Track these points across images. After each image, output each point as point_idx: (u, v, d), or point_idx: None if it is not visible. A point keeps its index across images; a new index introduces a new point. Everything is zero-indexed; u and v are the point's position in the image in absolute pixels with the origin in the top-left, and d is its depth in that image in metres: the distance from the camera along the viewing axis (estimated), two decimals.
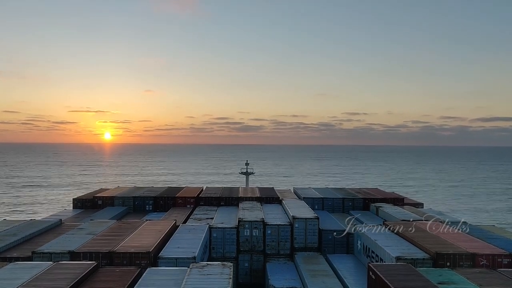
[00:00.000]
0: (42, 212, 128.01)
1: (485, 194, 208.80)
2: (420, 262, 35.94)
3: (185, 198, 67.65)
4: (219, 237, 48.73)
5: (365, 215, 62.17)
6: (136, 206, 66.82)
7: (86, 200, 67.50)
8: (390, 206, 64.01)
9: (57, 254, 36.07)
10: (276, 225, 50.19)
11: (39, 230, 45.34)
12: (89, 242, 39.59)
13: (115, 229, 45.12)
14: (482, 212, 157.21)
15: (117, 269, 32.42)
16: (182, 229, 46.81)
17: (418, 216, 55.83)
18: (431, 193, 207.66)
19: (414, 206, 66.56)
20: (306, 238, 49.80)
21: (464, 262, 36.14)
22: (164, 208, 65.78)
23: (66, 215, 60.13)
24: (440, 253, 36.51)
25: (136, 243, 38.84)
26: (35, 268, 30.85)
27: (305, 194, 70.99)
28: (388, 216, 57.61)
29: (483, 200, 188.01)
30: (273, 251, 49.44)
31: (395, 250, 38.28)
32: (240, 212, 54.99)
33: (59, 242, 39.43)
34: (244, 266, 48.88)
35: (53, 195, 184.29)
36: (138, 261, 35.60)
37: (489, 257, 36.28)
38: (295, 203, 61.22)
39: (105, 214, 59.55)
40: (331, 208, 67.01)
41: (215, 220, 53.69)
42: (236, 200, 65.94)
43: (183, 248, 39.56)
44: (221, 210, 61.82)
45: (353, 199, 68.53)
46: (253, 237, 49.32)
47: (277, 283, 39.71)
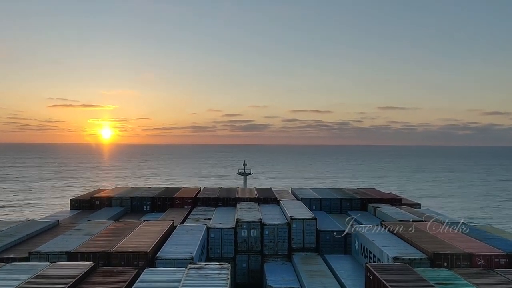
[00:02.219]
0: (39, 213, 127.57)
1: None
2: (417, 262, 35.98)
3: (183, 199, 67.59)
4: (217, 237, 48.72)
5: (362, 216, 62.21)
6: (133, 207, 66.74)
7: (84, 201, 67.35)
8: (388, 206, 64.12)
9: (55, 254, 35.99)
10: (274, 225, 50.20)
11: (36, 231, 45.17)
12: (87, 242, 39.52)
13: (112, 229, 45.07)
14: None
15: (115, 270, 32.42)
16: (180, 230, 46.76)
17: (415, 216, 55.93)
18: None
19: (411, 206, 66.68)
20: (303, 238, 49.83)
21: (461, 262, 36.21)
22: (161, 209, 65.68)
23: (63, 216, 59.93)
24: (438, 253, 36.58)
25: (133, 244, 38.78)
26: (32, 269, 30.79)
27: (302, 195, 70.98)
28: (385, 216, 57.70)
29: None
30: (271, 252, 49.43)
31: (392, 251, 38.32)
32: (238, 212, 54.97)
33: (57, 243, 39.35)
34: (242, 267, 48.87)
35: (49, 196, 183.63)
36: (135, 261, 35.55)
37: (486, 257, 36.35)
38: (293, 203, 61.28)
39: (103, 214, 59.45)
40: (329, 209, 67.03)
41: (212, 221, 53.70)
42: (234, 201, 65.93)
43: (181, 248, 39.51)
44: (219, 210, 61.83)
45: (351, 200, 68.60)
46: (251, 237, 49.31)
47: (275, 283, 39.74)
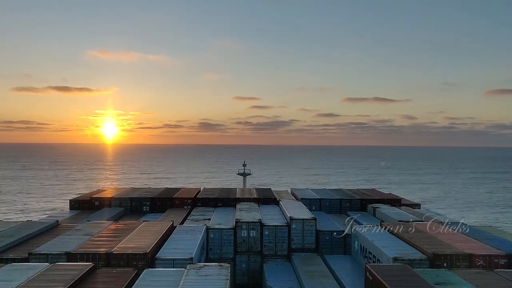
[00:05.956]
0: (38, 213, 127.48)
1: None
2: (417, 263, 36.00)
3: (182, 199, 67.54)
4: (216, 238, 48.70)
5: (362, 216, 62.23)
6: (133, 207, 66.70)
7: (83, 201, 67.31)
8: (387, 206, 64.14)
9: (54, 255, 35.98)
10: (274, 226, 50.19)
11: (36, 231, 45.17)
12: (86, 243, 39.50)
13: (112, 230, 45.04)
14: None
15: (114, 271, 32.41)
16: (179, 230, 46.72)
17: (415, 216, 55.95)
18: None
19: (411, 206, 66.72)
20: (303, 239, 49.81)
21: (461, 262, 36.23)
22: (161, 209, 65.64)
23: (63, 216, 59.92)
24: (437, 254, 36.58)
25: (133, 244, 38.77)
26: (32, 269, 30.79)
27: (302, 195, 70.96)
28: (385, 216, 57.72)
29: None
30: (271, 252, 49.42)
31: (392, 251, 38.33)
32: (238, 213, 54.95)
33: (56, 243, 39.32)
34: (242, 267, 48.85)
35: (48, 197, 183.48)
36: (135, 262, 35.55)
37: (486, 257, 36.39)
38: (292, 204, 61.26)
39: (102, 215, 59.43)
40: (328, 209, 67.06)
41: (212, 221, 53.66)
42: (234, 201, 65.89)
43: (180, 249, 39.49)
44: (218, 211, 61.79)
45: (351, 200, 68.62)
46: (251, 238, 49.29)
47: (274, 284, 39.74)
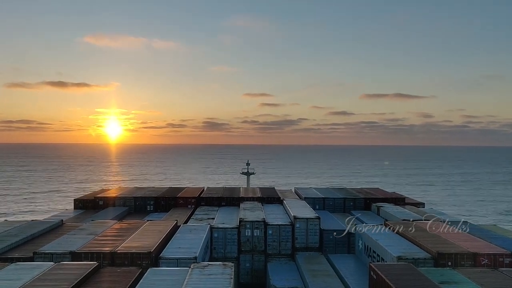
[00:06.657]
0: (43, 213, 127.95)
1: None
2: (421, 262, 35.91)
3: (186, 199, 67.65)
4: (220, 237, 48.74)
5: (366, 215, 62.12)
6: (137, 207, 66.83)
7: (87, 201, 67.51)
8: (391, 206, 64.00)
9: (59, 254, 36.10)
10: (277, 225, 50.19)
11: (40, 231, 45.33)
12: (91, 242, 39.63)
13: (116, 229, 45.16)
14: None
15: (119, 270, 32.47)
16: (183, 230, 46.80)
17: (419, 215, 55.80)
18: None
19: (415, 205, 66.54)
20: (307, 238, 49.77)
21: (465, 261, 36.09)
22: (165, 209, 65.78)
23: (67, 216, 60.11)
24: (442, 253, 36.47)
25: (137, 244, 38.86)
26: (37, 268, 30.88)
27: (306, 194, 70.92)
28: (389, 216, 57.58)
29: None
30: (274, 251, 49.43)
31: (396, 250, 38.25)
32: (241, 212, 54.99)
33: (61, 243, 39.46)
34: (246, 266, 48.89)
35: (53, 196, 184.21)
36: (139, 261, 35.63)
37: (491, 256, 36.21)
38: (296, 203, 61.19)
39: (106, 214, 59.59)
40: (332, 208, 66.93)
41: (216, 220, 53.73)
42: (237, 200, 65.95)
43: (184, 248, 39.56)
44: (222, 210, 61.85)
45: (355, 199, 68.49)
46: (254, 237, 49.31)
47: (278, 283, 39.74)
